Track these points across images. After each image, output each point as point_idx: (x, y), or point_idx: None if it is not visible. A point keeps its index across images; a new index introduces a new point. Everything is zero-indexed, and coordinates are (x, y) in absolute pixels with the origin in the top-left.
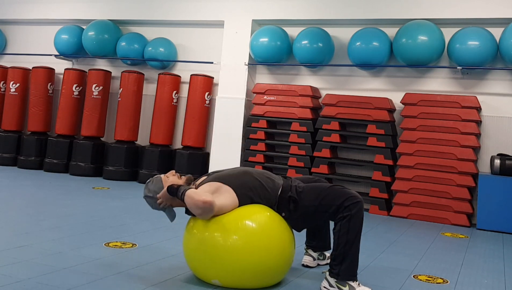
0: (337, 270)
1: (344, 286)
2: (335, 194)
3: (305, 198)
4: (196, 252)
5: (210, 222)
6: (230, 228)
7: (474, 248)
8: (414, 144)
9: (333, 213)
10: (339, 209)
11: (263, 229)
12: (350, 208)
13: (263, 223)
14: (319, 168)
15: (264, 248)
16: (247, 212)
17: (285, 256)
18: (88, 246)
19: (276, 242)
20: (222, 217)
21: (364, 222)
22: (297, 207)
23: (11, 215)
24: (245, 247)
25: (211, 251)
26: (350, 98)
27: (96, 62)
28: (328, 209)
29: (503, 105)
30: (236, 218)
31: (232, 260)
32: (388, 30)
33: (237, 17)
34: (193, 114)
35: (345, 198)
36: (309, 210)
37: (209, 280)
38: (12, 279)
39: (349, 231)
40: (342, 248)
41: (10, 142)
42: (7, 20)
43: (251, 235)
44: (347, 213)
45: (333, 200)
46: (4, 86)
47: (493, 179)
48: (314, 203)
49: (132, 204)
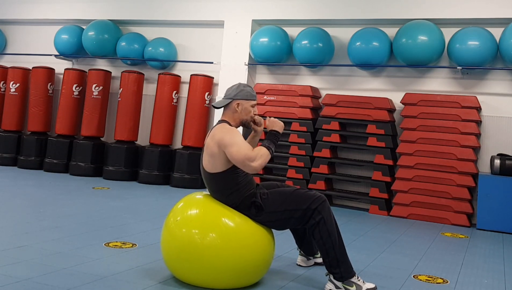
0: (339, 273)
1: (351, 286)
2: (300, 198)
3: (270, 205)
4: (174, 251)
5: (189, 220)
6: (208, 226)
7: (474, 248)
8: (414, 144)
9: (301, 218)
10: (307, 213)
11: (241, 228)
12: (319, 211)
13: (241, 222)
14: (319, 168)
15: (242, 246)
16: (224, 212)
17: (263, 255)
18: (88, 246)
19: (254, 241)
20: (201, 215)
21: (364, 222)
22: (260, 213)
23: (11, 215)
24: (223, 245)
25: (189, 249)
26: (350, 98)
27: (96, 62)
28: (293, 215)
29: (503, 105)
30: (214, 217)
31: (210, 258)
32: (388, 30)
33: (237, 17)
34: (193, 114)
35: (311, 201)
36: (274, 215)
37: (192, 281)
38: (12, 279)
39: (330, 233)
40: (332, 251)
41: (10, 142)
42: (7, 20)
43: (229, 233)
44: (319, 217)
45: (298, 204)
46: (4, 86)
47: (493, 179)
48: (279, 209)
49: (132, 204)
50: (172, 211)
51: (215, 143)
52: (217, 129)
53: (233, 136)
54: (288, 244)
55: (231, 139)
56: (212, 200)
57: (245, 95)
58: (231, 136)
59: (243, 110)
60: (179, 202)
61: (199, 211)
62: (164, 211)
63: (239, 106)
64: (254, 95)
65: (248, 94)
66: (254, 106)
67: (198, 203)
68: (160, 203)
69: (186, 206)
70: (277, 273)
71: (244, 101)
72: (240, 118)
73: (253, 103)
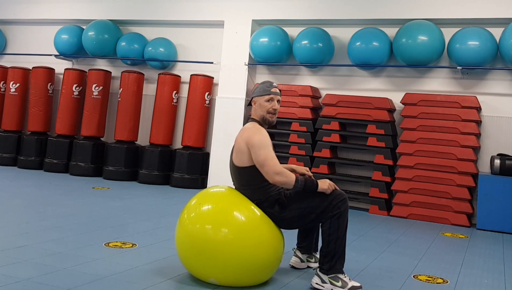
0: (328, 266)
1: (337, 281)
2: (323, 195)
3: (293, 201)
4: (187, 246)
5: (201, 216)
6: (221, 222)
7: (474, 248)
8: (414, 144)
9: (321, 214)
10: (327, 208)
11: (253, 224)
12: (339, 206)
13: (252, 218)
14: (319, 168)
15: (254, 243)
16: (237, 208)
17: (275, 252)
18: (88, 246)
19: (266, 238)
20: (212, 212)
21: (364, 222)
22: (283, 210)
23: (11, 215)
24: (235, 241)
25: (202, 245)
26: (350, 98)
27: (96, 62)
28: (315, 210)
29: (503, 105)
30: (227, 213)
31: (224, 254)
32: (388, 30)
33: (237, 17)
34: (193, 114)
35: (333, 197)
36: (297, 211)
37: (206, 278)
38: (12, 279)
39: (339, 228)
40: (333, 244)
41: (10, 142)
42: (7, 20)
43: (242, 229)
44: (337, 211)
45: (321, 201)
46: (4, 86)
47: (493, 179)
48: (302, 205)
49: (132, 204)
50: (186, 207)
51: (243, 140)
52: (246, 127)
53: (262, 138)
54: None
55: (260, 141)
56: (226, 196)
57: (258, 91)
58: (260, 138)
59: (259, 107)
60: (193, 199)
61: (212, 206)
62: (164, 211)
63: (256, 103)
64: (267, 90)
65: (261, 90)
66: (270, 101)
67: (212, 198)
68: (160, 203)
69: (199, 203)
70: (280, 270)
71: (258, 98)
72: (258, 114)
73: (267, 98)
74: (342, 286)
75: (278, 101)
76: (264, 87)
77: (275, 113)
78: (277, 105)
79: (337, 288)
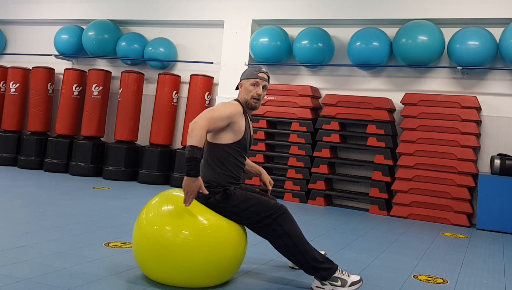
0: (319, 275)
1: (336, 281)
2: (263, 205)
3: (236, 199)
4: (143, 248)
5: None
6: (180, 224)
7: (474, 248)
8: (414, 144)
9: (256, 223)
10: (265, 219)
11: (212, 225)
12: (280, 223)
13: (213, 219)
14: (319, 168)
15: (214, 244)
16: (198, 210)
17: (236, 253)
18: (88, 246)
19: (226, 239)
20: (172, 213)
21: (364, 222)
22: (223, 201)
23: (11, 215)
24: (193, 243)
25: (159, 247)
26: (350, 98)
27: (96, 62)
28: (250, 217)
29: (503, 105)
30: (186, 215)
31: (180, 256)
32: (388, 30)
33: (237, 17)
34: (193, 114)
35: (272, 211)
36: (235, 209)
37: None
38: (12, 279)
39: (297, 244)
40: (305, 261)
41: (10, 142)
42: (7, 20)
43: (201, 231)
44: (280, 230)
45: (259, 211)
46: (4, 86)
47: (493, 179)
48: (241, 206)
49: (132, 204)
50: (146, 207)
51: None
52: None
53: (221, 105)
54: None
55: (216, 106)
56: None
57: (245, 74)
58: (220, 105)
59: (244, 90)
60: (154, 198)
61: (172, 208)
62: None
63: (242, 86)
64: (254, 74)
65: (248, 73)
66: (255, 85)
67: (172, 200)
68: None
69: (160, 202)
70: (280, 270)
71: (245, 80)
72: (243, 98)
73: (252, 81)
74: (342, 285)
75: (264, 87)
76: (252, 71)
77: (260, 99)
78: (261, 91)
79: (338, 288)
